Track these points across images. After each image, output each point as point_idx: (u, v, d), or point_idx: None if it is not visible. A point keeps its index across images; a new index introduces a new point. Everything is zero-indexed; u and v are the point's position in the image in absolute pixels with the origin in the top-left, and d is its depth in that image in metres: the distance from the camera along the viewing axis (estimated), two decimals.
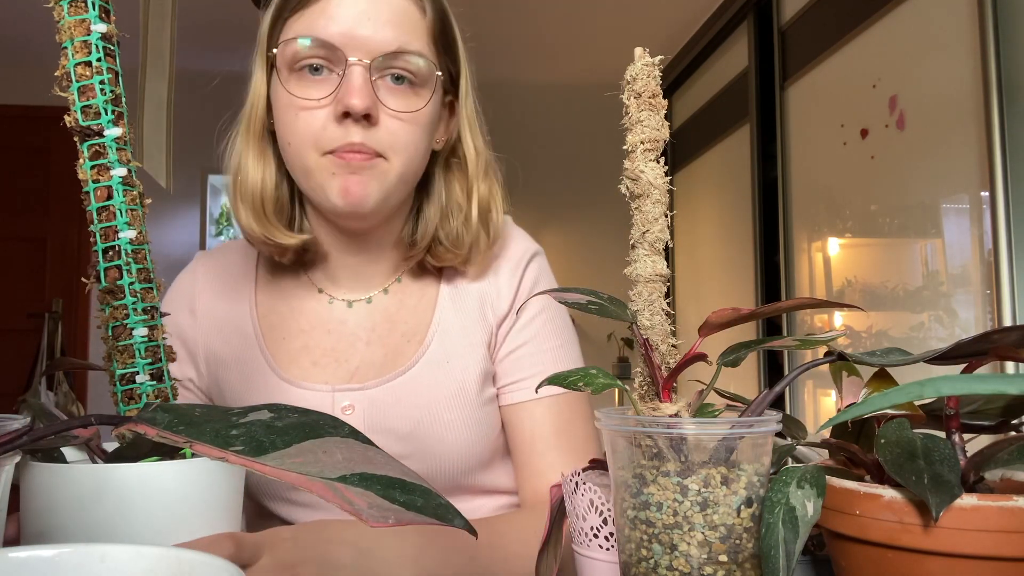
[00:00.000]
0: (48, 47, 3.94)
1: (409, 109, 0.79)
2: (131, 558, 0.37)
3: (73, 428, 0.49)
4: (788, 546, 0.41)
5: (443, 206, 0.88)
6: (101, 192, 0.53)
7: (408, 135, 0.80)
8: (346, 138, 0.77)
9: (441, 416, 0.86)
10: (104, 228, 0.53)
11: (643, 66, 0.51)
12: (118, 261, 0.53)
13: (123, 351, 0.53)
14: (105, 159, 0.54)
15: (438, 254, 0.89)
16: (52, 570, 0.36)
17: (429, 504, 0.40)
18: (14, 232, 4.14)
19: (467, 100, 0.89)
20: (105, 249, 0.53)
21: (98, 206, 0.53)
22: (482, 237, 0.88)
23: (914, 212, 2.04)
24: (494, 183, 0.91)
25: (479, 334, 0.89)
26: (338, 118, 0.77)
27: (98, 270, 0.53)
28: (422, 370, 0.87)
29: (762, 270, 2.96)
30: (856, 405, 0.39)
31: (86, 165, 0.53)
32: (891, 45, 2.12)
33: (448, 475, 0.87)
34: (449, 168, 0.90)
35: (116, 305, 0.53)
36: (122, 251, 0.53)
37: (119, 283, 0.53)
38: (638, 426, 0.45)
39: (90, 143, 0.53)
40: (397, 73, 0.79)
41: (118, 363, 0.53)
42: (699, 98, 3.71)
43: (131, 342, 0.53)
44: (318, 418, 0.45)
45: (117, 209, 0.54)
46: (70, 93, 0.53)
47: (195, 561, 0.36)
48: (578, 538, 0.56)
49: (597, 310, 0.51)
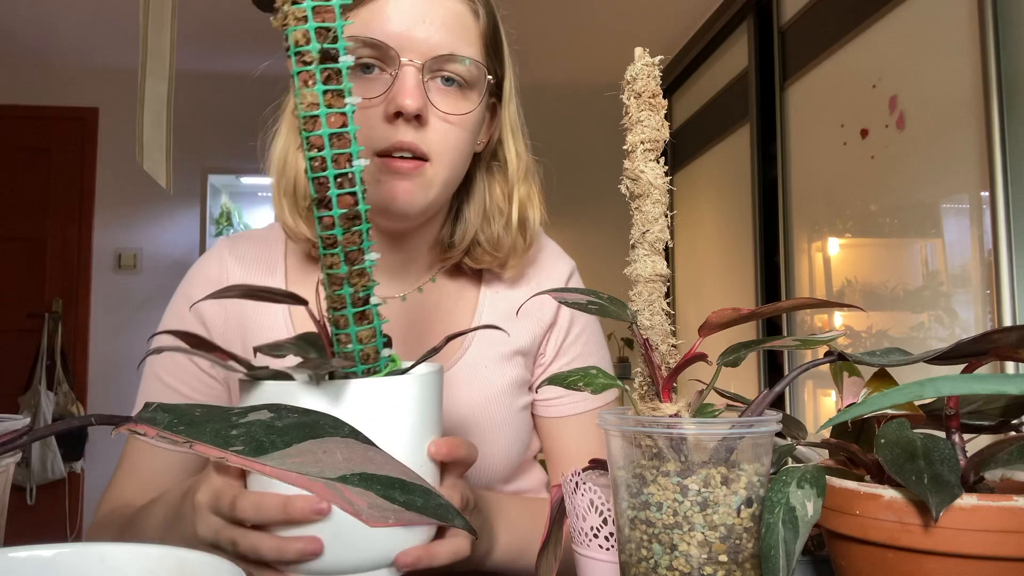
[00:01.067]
0: (48, 47, 3.94)
1: (458, 111, 0.80)
2: (131, 558, 0.37)
3: (73, 428, 0.49)
4: (788, 546, 0.42)
5: (485, 209, 0.89)
6: (335, 118, 0.53)
7: (455, 138, 0.80)
8: (396, 137, 0.77)
9: (478, 420, 0.87)
10: (336, 154, 0.53)
11: (643, 66, 0.51)
12: (352, 188, 0.54)
13: (359, 275, 0.55)
14: (339, 85, 0.53)
15: (476, 256, 0.89)
16: (52, 570, 0.36)
17: (429, 504, 0.40)
18: (14, 232, 4.14)
19: (510, 104, 0.89)
20: (337, 175, 0.53)
21: (331, 132, 0.53)
22: (519, 240, 0.89)
23: (914, 212, 2.04)
24: (533, 187, 0.91)
25: (519, 342, 0.90)
26: (389, 118, 0.77)
27: (329, 196, 0.53)
28: (461, 372, 0.88)
29: (762, 270, 2.96)
30: (856, 405, 0.39)
31: (317, 88, 0.52)
32: (891, 45, 2.12)
33: (480, 479, 0.88)
34: (490, 171, 0.91)
35: (354, 230, 0.54)
36: (356, 178, 0.54)
37: (356, 208, 0.54)
38: (638, 426, 0.45)
39: (324, 67, 0.52)
40: (448, 75, 0.79)
41: (352, 288, 0.55)
42: (699, 98, 3.71)
43: (365, 265, 0.55)
44: (318, 418, 0.45)
45: (352, 137, 0.54)
46: (299, 9, 0.52)
47: (195, 561, 0.36)
48: (578, 538, 0.56)
49: (597, 310, 0.51)
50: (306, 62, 0.52)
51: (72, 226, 4.19)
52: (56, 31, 3.77)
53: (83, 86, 4.21)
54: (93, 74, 4.19)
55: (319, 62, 0.52)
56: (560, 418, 0.92)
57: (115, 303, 4.18)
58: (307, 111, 0.52)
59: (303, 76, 0.52)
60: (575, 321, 0.93)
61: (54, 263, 4.18)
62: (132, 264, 4.20)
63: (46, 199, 4.19)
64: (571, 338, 0.93)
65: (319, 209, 0.54)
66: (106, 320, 4.15)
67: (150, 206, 4.19)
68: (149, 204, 4.18)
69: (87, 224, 4.20)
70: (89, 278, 4.18)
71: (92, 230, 4.20)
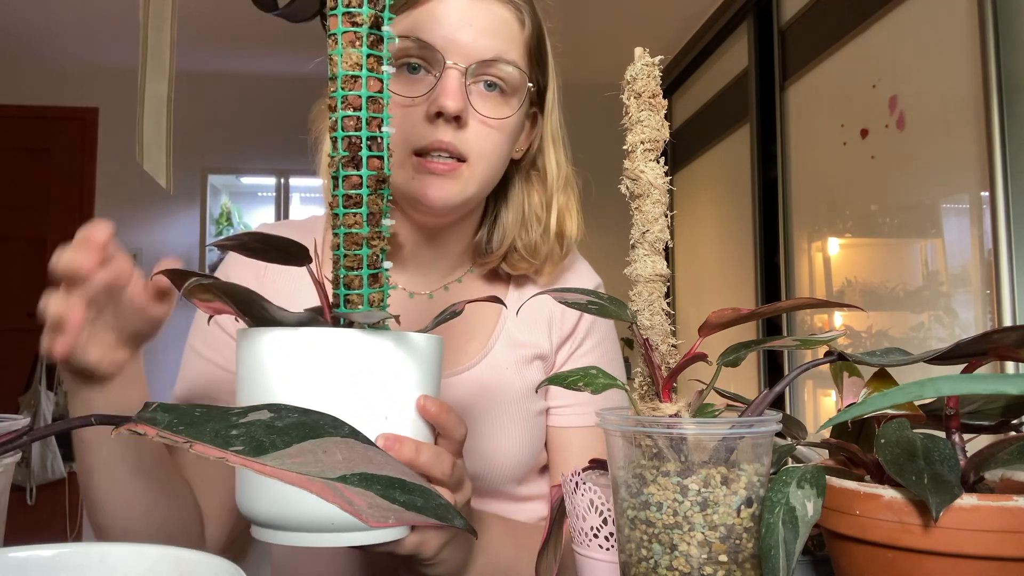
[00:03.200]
0: (48, 47, 3.94)
1: (498, 116, 0.81)
2: (131, 558, 0.37)
3: (73, 428, 0.49)
4: (788, 546, 0.41)
5: (523, 216, 0.91)
6: (374, 83, 0.54)
7: (493, 141, 0.82)
8: (435, 136, 0.78)
9: (499, 420, 0.88)
10: (370, 117, 0.54)
11: (643, 66, 0.51)
12: (381, 152, 0.55)
13: (378, 236, 0.56)
14: (380, 52, 0.54)
15: (513, 262, 0.91)
16: (52, 570, 0.36)
17: (429, 504, 0.40)
18: (14, 232, 4.14)
19: (552, 114, 0.91)
20: (369, 138, 0.54)
21: (369, 95, 0.54)
22: (556, 249, 0.91)
23: (914, 212, 2.04)
24: (571, 198, 0.93)
25: (540, 348, 0.91)
26: (430, 118, 0.78)
27: (360, 156, 0.54)
28: (482, 372, 0.89)
29: (762, 270, 2.96)
30: (856, 405, 0.39)
31: (363, 49, 0.53)
32: (891, 45, 2.12)
33: (493, 480, 0.88)
34: (529, 179, 0.92)
35: (380, 192, 0.55)
36: (384, 144, 0.55)
37: (384, 172, 0.55)
38: (638, 426, 0.45)
39: (371, 32, 0.53)
40: (490, 80, 0.81)
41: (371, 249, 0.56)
42: (699, 98, 3.71)
43: (383, 229, 0.56)
44: (318, 418, 0.45)
45: (385, 103, 0.55)
46: None
47: (195, 561, 0.36)
48: (578, 538, 0.56)
49: (597, 310, 0.51)
50: (356, 23, 0.53)
51: (72, 226, 4.13)
52: (56, 31, 3.77)
53: (83, 86, 4.21)
54: (93, 74, 4.19)
55: (369, 25, 0.53)
56: (563, 428, 0.92)
57: None
58: (349, 70, 0.53)
59: (348, 36, 0.53)
60: (590, 334, 0.94)
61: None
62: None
63: (46, 199, 4.19)
64: (583, 350, 0.94)
65: (345, 168, 0.54)
66: None
67: (150, 206, 4.19)
68: (149, 204, 4.18)
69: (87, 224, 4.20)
70: None
71: None
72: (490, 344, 0.90)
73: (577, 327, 0.93)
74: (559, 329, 0.93)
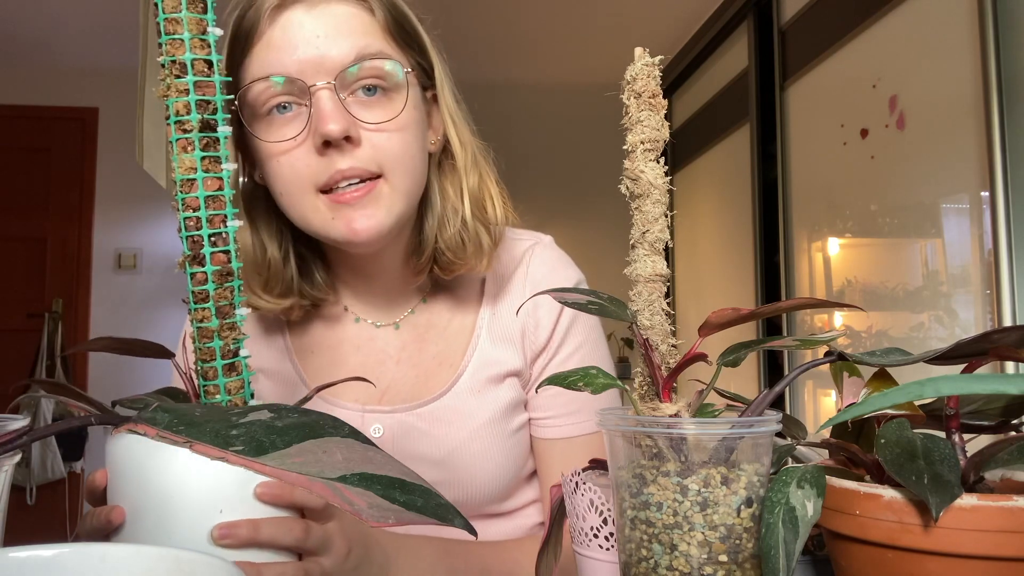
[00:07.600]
0: (48, 47, 3.94)
1: (388, 118, 0.75)
2: (131, 558, 0.37)
3: (73, 428, 0.49)
4: (788, 546, 0.41)
5: (440, 214, 0.83)
6: (211, 182, 0.58)
7: (397, 145, 0.75)
8: (333, 166, 0.73)
9: (473, 446, 0.84)
10: (211, 215, 0.58)
11: (643, 66, 0.51)
12: (226, 247, 0.58)
13: (230, 328, 0.58)
14: (216, 152, 0.58)
15: (444, 264, 0.84)
16: (52, 570, 0.36)
17: (429, 504, 0.40)
18: (14, 232, 4.14)
19: (444, 91, 0.83)
20: (211, 235, 0.58)
21: (207, 195, 0.58)
22: (483, 235, 0.82)
23: (914, 212, 2.04)
24: (485, 174, 0.84)
25: (514, 364, 0.86)
26: (319, 149, 0.72)
27: (203, 254, 0.58)
28: (455, 399, 0.85)
29: (762, 270, 2.96)
30: (856, 405, 0.39)
31: (196, 154, 0.57)
32: (891, 45, 2.12)
33: (477, 503, 0.86)
34: (442, 169, 0.85)
35: (227, 286, 0.58)
36: (230, 238, 0.58)
37: (230, 265, 0.58)
38: (638, 426, 0.45)
39: (203, 135, 0.57)
40: (367, 84, 0.75)
41: (223, 340, 0.58)
42: (699, 98, 3.71)
43: (235, 320, 0.59)
44: (318, 418, 0.45)
45: (227, 200, 0.58)
46: (182, 83, 0.57)
47: (195, 561, 0.36)
48: (578, 538, 0.56)
49: (597, 310, 0.51)
50: (186, 130, 0.57)
51: (72, 226, 4.19)
52: (56, 31, 3.77)
53: (83, 86, 4.21)
54: (93, 74, 4.19)
55: (199, 131, 0.57)
56: (547, 440, 0.88)
57: (115, 303, 4.17)
58: (185, 175, 0.57)
59: (182, 143, 0.57)
60: (566, 342, 0.88)
61: (54, 263, 4.18)
62: (132, 264, 4.19)
63: (46, 199, 4.19)
64: (559, 359, 0.88)
65: (192, 265, 0.57)
66: (106, 320, 4.15)
67: (150, 206, 4.19)
68: (149, 204, 4.18)
69: (87, 224, 4.20)
70: (89, 278, 4.18)
71: (92, 230, 4.20)
72: (461, 368, 0.86)
73: (552, 337, 0.87)
74: (532, 342, 0.87)
